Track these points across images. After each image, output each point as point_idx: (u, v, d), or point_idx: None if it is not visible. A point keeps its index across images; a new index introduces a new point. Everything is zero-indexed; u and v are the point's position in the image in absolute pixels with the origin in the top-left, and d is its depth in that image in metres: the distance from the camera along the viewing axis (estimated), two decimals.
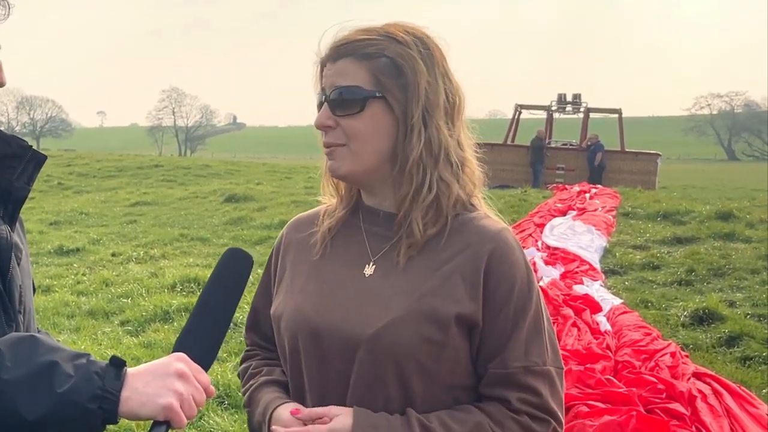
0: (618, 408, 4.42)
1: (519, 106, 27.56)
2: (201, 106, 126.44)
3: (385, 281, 1.62)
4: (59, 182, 24.97)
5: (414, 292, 1.58)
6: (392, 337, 1.54)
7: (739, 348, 6.18)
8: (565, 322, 6.33)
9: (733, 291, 8.24)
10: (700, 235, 11.25)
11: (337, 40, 1.63)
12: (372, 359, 1.56)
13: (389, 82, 1.59)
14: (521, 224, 11.92)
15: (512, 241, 1.63)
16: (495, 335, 1.58)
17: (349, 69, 1.60)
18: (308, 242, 1.77)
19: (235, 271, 1.50)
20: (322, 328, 1.62)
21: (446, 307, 1.56)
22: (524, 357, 1.57)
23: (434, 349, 1.55)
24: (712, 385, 4.90)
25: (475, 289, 1.57)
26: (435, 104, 1.61)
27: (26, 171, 1.51)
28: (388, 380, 1.56)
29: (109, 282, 8.95)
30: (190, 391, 1.32)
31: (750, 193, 22.44)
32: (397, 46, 1.60)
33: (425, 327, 1.55)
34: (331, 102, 1.62)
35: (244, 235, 12.78)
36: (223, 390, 5.09)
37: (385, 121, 1.61)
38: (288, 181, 24.37)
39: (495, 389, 1.59)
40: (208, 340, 1.44)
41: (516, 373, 1.57)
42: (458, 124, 1.66)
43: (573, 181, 22.09)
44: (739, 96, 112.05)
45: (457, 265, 1.59)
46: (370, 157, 1.62)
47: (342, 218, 1.75)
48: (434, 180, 1.61)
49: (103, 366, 1.29)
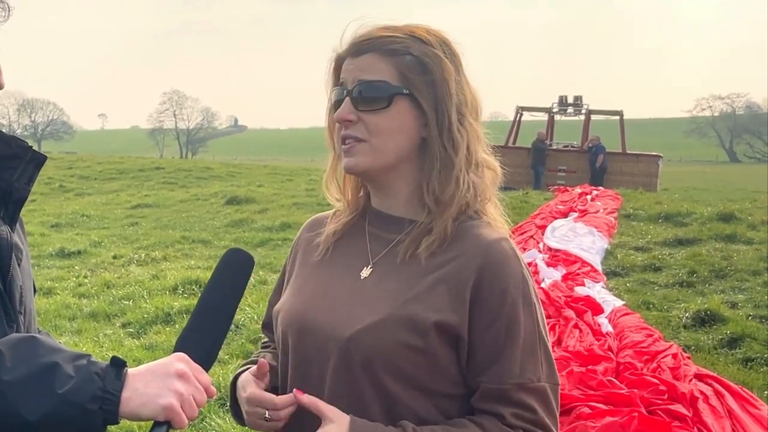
0: (620, 409, 4.43)
1: (520, 108, 27.58)
2: (202, 108, 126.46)
3: (377, 284, 1.61)
4: (60, 185, 24.98)
5: (399, 298, 1.56)
6: (368, 340, 1.53)
7: (741, 349, 6.18)
8: (566, 324, 6.33)
9: (734, 292, 8.25)
10: (702, 237, 11.26)
11: (358, 36, 1.61)
12: (345, 361, 1.55)
13: (417, 78, 1.57)
14: (523, 226, 11.92)
15: (509, 251, 1.59)
16: (486, 349, 1.54)
17: (373, 64, 1.58)
18: (314, 242, 1.77)
19: (236, 271, 1.50)
20: (308, 327, 1.62)
21: (426, 314, 1.53)
22: (519, 374, 1.53)
23: (412, 354, 1.53)
24: (714, 387, 4.90)
25: (460, 300, 1.54)
26: (463, 104, 1.60)
27: (26, 172, 1.51)
28: (362, 382, 1.54)
29: (110, 284, 8.96)
30: (191, 391, 1.32)
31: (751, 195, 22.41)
32: (421, 45, 1.59)
33: (403, 332, 1.52)
34: (354, 97, 1.59)
35: (246, 237, 12.78)
36: (225, 392, 5.09)
37: (410, 119, 1.59)
38: (289, 183, 24.36)
39: (489, 404, 1.55)
40: (209, 340, 1.44)
41: (510, 389, 1.53)
42: (479, 126, 1.65)
43: (574, 182, 22.10)
44: (741, 98, 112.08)
45: (445, 273, 1.56)
46: (391, 154, 1.60)
47: (348, 223, 1.74)
48: (461, 179, 1.59)
49: (104, 367, 1.29)
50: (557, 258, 9.37)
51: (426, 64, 1.57)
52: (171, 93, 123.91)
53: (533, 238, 10.81)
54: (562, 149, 26.63)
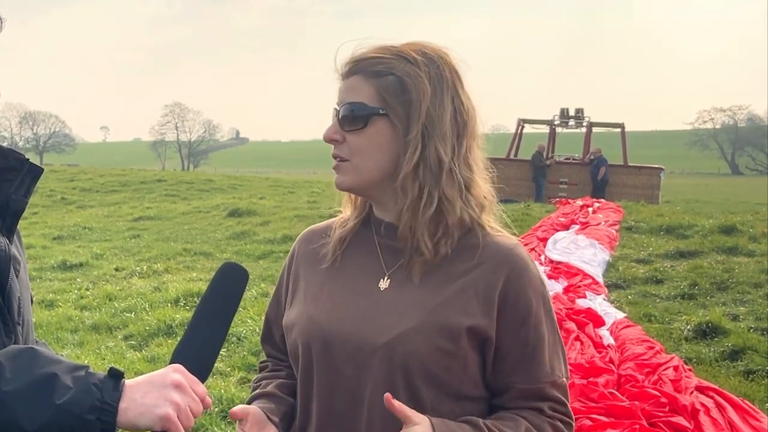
0: (621, 422, 4.43)
1: (521, 120, 27.62)
2: (204, 120, 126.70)
3: (399, 295, 1.65)
4: (62, 197, 25.06)
5: (428, 305, 1.61)
6: (406, 346, 1.58)
7: (743, 362, 6.17)
8: (568, 336, 6.33)
9: (736, 305, 8.23)
10: (703, 249, 11.24)
11: (351, 57, 1.69)
12: (385, 367, 1.59)
13: (393, 100, 1.63)
14: (524, 238, 11.91)
15: (526, 257, 1.68)
16: (517, 351, 1.63)
17: (357, 86, 1.65)
18: (320, 252, 1.80)
19: (230, 285, 1.53)
20: (334, 337, 1.65)
21: (458, 319, 1.59)
22: (551, 372, 1.66)
23: (445, 359, 1.59)
24: (715, 399, 4.90)
25: (489, 305, 1.61)
26: (436, 122, 1.62)
27: (23, 183, 1.54)
28: (399, 388, 1.58)
29: (112, 296, 8.96)
30: (187, 402, 1.34)
31: (753, 207, 22.39)
32: (406, 65, 1.63)
33: (437, 338, 1.58)
34: (341, 118, 1.66)
35: (248, 249, 12.80)
36: (227, 404, 5.09)
37: (386, 138, 1.64)
38: (291, 195, 24.42)
39: (528, 402, 1.66)
40: (205, 352, 1.46)
41: (545, 387, 1.65)
42: (467, 144, 1.68)
43: (576, 195, 22.10)
44: (742, 110, 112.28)
45: (471, 279, 1.63)
46: (372, 172, 1.66)
47: (353, 229, 1.78)
48: (434, 195, 1.63)
49: (102, 377, 1.31)
50: (559, 270, 9.38)
51: (405, 84, 1.62)
52: (173, 105, 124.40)
53: (535, 251, 10.81)
54: (563, 161, 26.65)
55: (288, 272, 1.87)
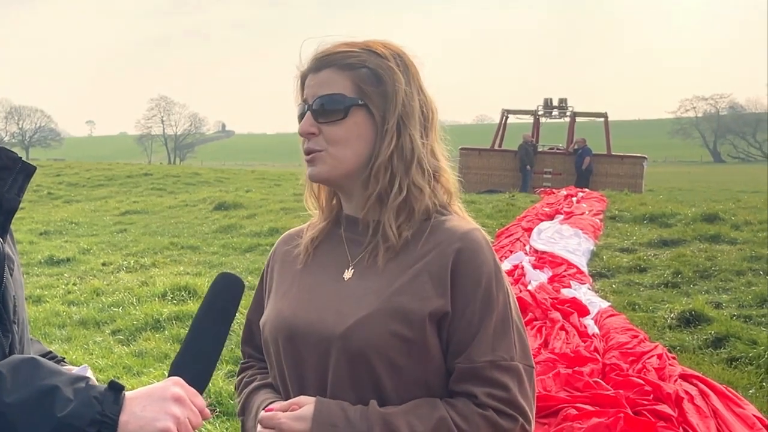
0: (606, 410, 4.46)
1: (506, 111, 27.66)
2: (190, 114, 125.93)
3: (360, 283, 1.68)
4: (49, 192, 24.88)
5: (384, 292, 1.63)
6: (362, 333, 1.59)
7: (726, 349, 6.22)
8: (553, 326, 6.38)
9: (719, 292, 8.30)
10: (686, 238, 11.31)
11: (319, 52, 1.72)
12: (345, 356, 1.61)
13: (370, 90, 1.67)
14: (509, 228, 11.96)
15: (481, 240, 1.68)
16: (462, 331, 1.61)
17: (332, 78, 1.68)
18: (293, 253, 1.84)
19: (226, 295, 1.54)
20: (298, 329, 1.68)
21: (414, 304, 1.60)
22: (491, 352, 1.59)
23: (403, 345, 1.60)
24: (699, 387, 4.94)
25: (443, 286, 1.62)
26: (410, 114, 1.69)
27: (16, 182, 1.55)
28: (362, 377, 1.61)
29: (99, 291, 8.94)
30: (187, 415, 1.35)
31: (735, 195, 22.54)
32: (377, 59, 1.69)
33: (392, 323, 1.59)
34: (315, 110, 1.69)
35: (234, 242, 12.79)
36: (215, 398, 5.11)
37: (365, 127, 1.68)
38: (277, 188, 24.33)
39: (462, 384, 1.61)
40: (203, 365, 1.48)
41: (482, 367, 1.59)
42: (432, 135, 1.74)
43: (560, 185, 22.16)
44: (724, 98, 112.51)
45: (425, 263, 1.64)
46: (350, 161, 1.69)
47: (324, 229, 1.82)
48: (404, 184, 1.68)
49: (102, 390, 1.32)
50: (543, 260, 9.40)
51: (380, 76, 1.67)
52: (158, 99, 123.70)
53: (519, 241, 10.84)
54: (548, 151, 26.71)
55: (266, 274, 1.91)
